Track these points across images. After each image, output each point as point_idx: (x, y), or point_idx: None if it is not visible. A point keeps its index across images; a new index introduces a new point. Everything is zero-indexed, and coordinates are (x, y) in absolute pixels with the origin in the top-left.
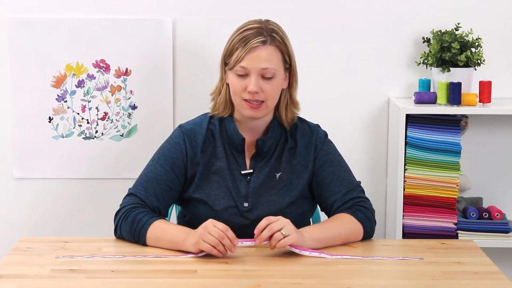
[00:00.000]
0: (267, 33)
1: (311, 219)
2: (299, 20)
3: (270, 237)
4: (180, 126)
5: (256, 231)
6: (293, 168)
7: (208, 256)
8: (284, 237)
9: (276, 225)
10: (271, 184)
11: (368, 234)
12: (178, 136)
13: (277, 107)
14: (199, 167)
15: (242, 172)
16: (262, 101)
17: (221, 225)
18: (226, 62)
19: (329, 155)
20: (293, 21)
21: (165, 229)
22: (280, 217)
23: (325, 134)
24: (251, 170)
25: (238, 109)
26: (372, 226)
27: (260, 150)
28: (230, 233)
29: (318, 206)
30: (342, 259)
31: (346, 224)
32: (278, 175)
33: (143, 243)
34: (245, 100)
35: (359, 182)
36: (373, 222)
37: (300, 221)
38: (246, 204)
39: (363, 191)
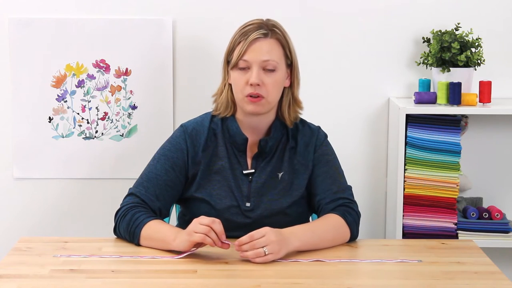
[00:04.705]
0: (268, 27)
1: (310, 218)
2: (299, 20)
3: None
4: (181, 125)
5: (237, 243)
6: (294, 167)
7: (208, 256)
8: (266, 255)
9: (259, 242)
10: (273, 183)
11: (353, 238)
12: (179, 136)
13: (279, 106)
14: (200, 166)
15: (244, 172)
16: (264, 96)
17: (208, 218)
18: (229, 60)
19: (325, 156)
20: (293, 21)
21: (158, 228)
22: (266, 233)
23: (325, 136)
24: (253, 170)
25: (240, 106)
26: (357, 230)
27: (263, 150)
28: (217, 225)
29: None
30: (342, 259)
31: (335, 227)
32: (280, 174)
33: (137, 243)
34: (247, 96)
35: (350, 186)
36: (358, 226)
37: (301, 221)
38: (248, 204)
39: (352, 194)
